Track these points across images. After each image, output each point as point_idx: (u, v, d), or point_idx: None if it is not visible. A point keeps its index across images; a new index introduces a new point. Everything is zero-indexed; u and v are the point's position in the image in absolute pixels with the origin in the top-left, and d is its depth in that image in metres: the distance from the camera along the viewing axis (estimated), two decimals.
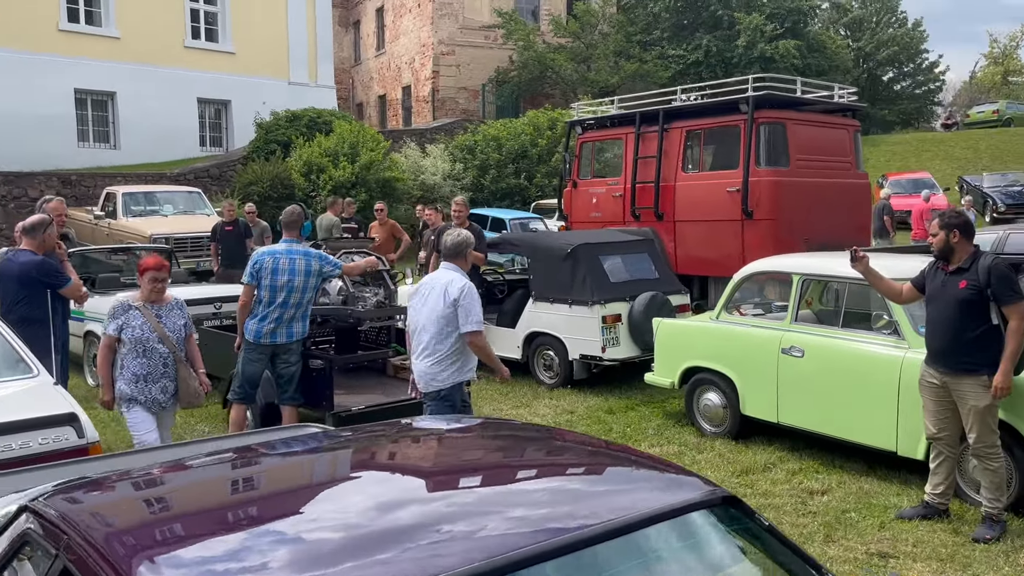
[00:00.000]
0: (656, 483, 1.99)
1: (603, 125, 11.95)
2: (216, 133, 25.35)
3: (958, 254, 4.79)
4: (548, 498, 1.91)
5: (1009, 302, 4.59)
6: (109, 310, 4.96)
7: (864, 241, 10.86)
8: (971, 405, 4.67)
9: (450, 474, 2.20)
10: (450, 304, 4.80)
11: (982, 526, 4.75)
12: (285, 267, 5.76)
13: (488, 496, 2.03)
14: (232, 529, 1.88)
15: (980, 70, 55.49)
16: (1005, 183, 21.32)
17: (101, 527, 1.76)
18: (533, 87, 31.74)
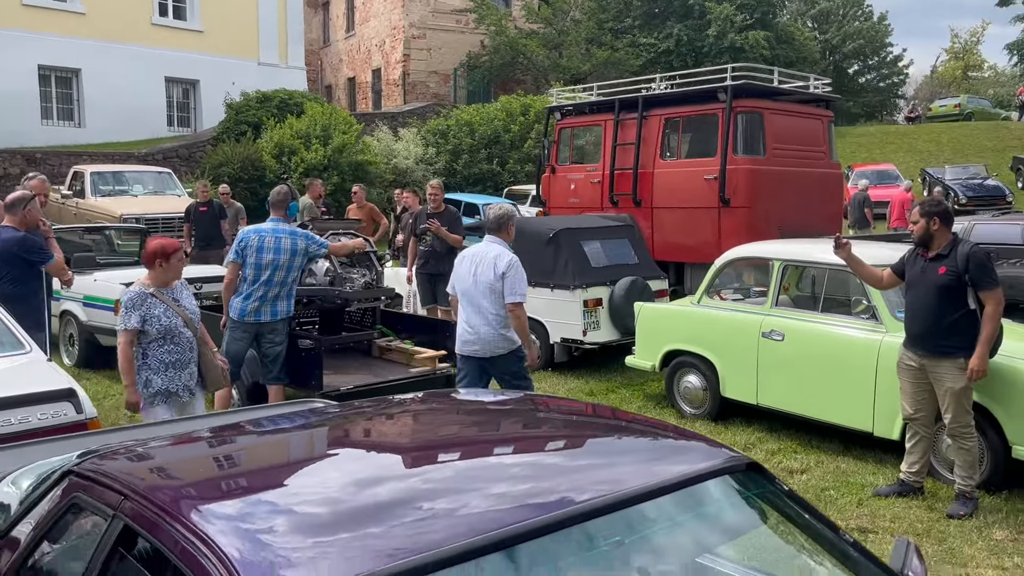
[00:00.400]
0: (685, 450, 2.09)
1: (582, 111, 12.03)
2: (184, 113, 24.97)
3: (937, 241, 4.96)
4: (586, 464, 2.00)
5: (986, 288, 4.77)
6: (125, 302, 4.57)
7: (836, 230, 11.09)
8: (947, 387, 4.85)
9: (480, 444, 2.28)
10: (499, 277, 5.17)
11: (956, 503, 4.95)
12: (270, 245, 5.78)
13: (515, 464, 2.11)
14: (270, 488, 1.95)
15: (941, 65, 56.60)
16: (966, 175, 21.86)
17: (159, 487, 1.81)
18: (505, 72, 31.71)
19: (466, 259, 5.41)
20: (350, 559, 1.51)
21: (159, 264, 4.60)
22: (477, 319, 5.26)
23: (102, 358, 8.30)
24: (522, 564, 1.65)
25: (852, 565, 1.97)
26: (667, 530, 1.92)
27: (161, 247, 4.66)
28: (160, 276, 4.63)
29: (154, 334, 4.54)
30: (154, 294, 4.59)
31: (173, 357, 4.63)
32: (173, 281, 4.72)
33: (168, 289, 4.68)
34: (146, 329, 4.54)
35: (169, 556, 1.57)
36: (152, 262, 4.62)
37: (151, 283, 4.64)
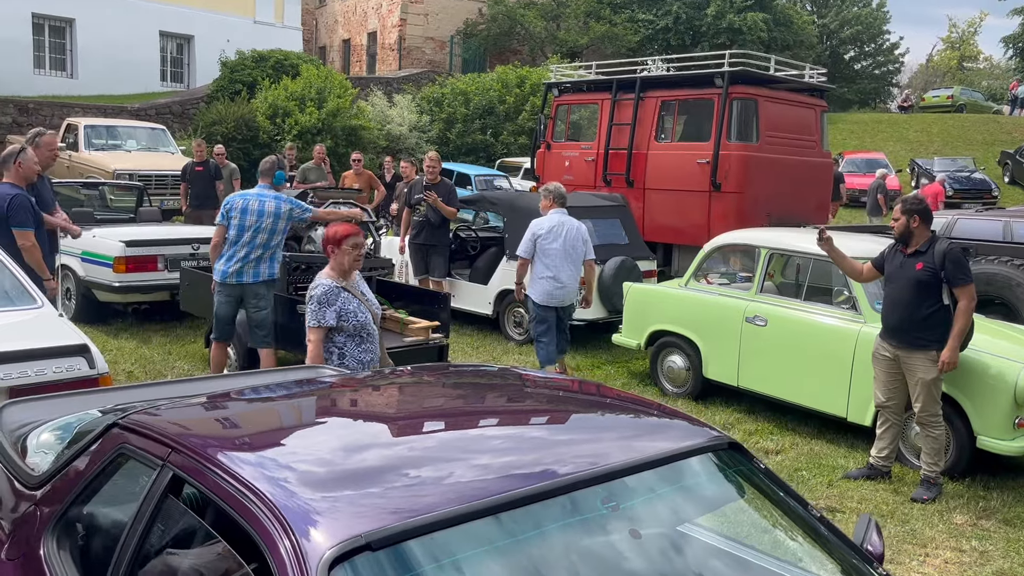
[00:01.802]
0: (670, 428, 2.29)
1: (580, 89, 12.14)
2: (177, 68, 24.80)
3: (916, 238, 5.18)
4: (580, 438, 2.21)
5: (960, 284, 5.01)
6: (319, 296, 4.17)
7: (824, 219, 11.33)
8: (919, 377, 5.10)
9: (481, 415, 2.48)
10: (584, 241, 6.80)
11: (921, 487, 5.22)
12: (254, 208, 5.96)
13: (516, 435, 2.32)
14: (302, 443, 2.17)
15: (937, 54, 56.71)
16: (955, 168, 22.12)
17: (205, 440, 2.00)
18: (501, 42, 31.60)
19: (552, 230, 6.68)
20: (380, 508, 1.71)
21: (331, 250, 4.28)
22: (566, 275, 6.70)
23: (99, 313, 8.43)
24: (515, 529, 1.85)
25: (819, 538, 2.19)
26: (652, 501, 2.12)
27: (334, 232, 4.30)
28: (337, 264, 4.29)
29: (350, 331, 4.23)
30: (345, 287, 4.27)
31: (368, 356, 4.34)
32: (353, 271, 4.38)
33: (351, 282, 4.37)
34: (341, 326, 4.20)
35: (218, 502, 1.76)
36: (328, 251, 4.29)
37: (335, 274, 4.30)
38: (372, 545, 1.58)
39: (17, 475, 2.47)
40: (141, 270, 7.97)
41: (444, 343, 6.86)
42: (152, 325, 8.57)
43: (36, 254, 5.52)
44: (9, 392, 3.85)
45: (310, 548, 1.56)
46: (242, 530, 1.69)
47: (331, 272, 4.32)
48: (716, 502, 2.28)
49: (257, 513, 1.66)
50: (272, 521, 1.63)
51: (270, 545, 1.59)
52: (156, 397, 3.08)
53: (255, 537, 1.64)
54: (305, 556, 1.54)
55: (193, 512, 1.99)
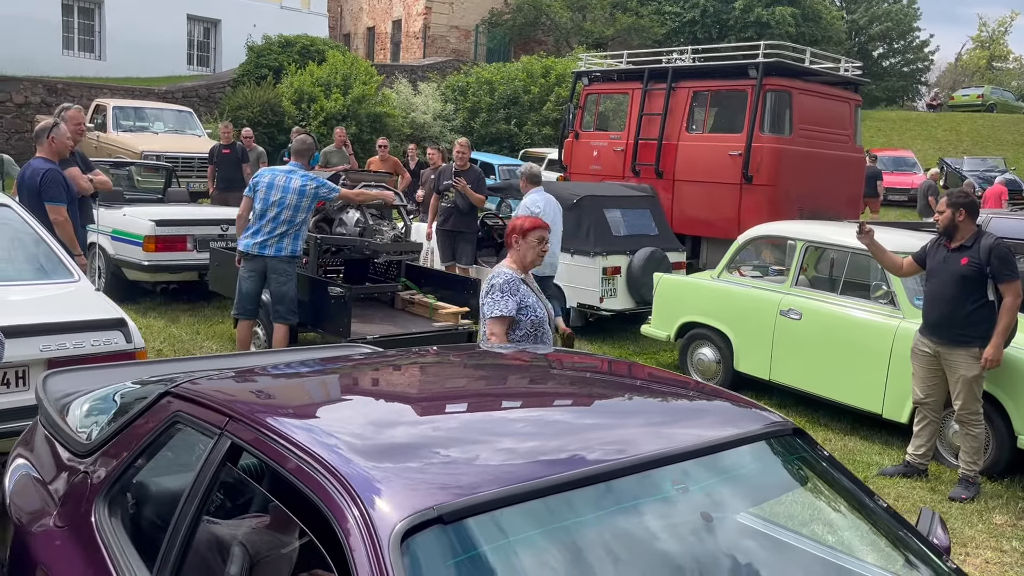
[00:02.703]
0: (736, 414, 2.23)
1: (609, 78, 12.03)
2: (204, 53, 24.87)
3: (961, 232, 5.06)
4: (654, 419, 2.16)
5: (1006, 280, 4.89)
6: (501, 285, 3.92)
7: (856, 213, 11.18)
8: (960, 374, 4.99)
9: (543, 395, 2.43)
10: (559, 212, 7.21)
11: (958, 486, 5.12)
12: (280, 184, 6.01)
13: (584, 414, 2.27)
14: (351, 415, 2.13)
15: (966, 53, 55.95)
16: (984, 167, 21.82)
17: (262, 410, 1.96)
18: (526, 32, 31.43)
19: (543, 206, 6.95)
20: (445, 483, 1.67)
21: (515, 241, 4.05)
22: (555, 244, 6.91)
23: (128, 292, 8.45)
24: (579, 509, 1.80)
25: (887, 530, 2.13)
26: (718, 486, 2.07)
27: (521, 223, 4.08)
28: (519, 256, 4.06)
29: (527, 327, 3.98)
30: (525, 280, 4.05)
31: None
32: (532, 265, 4.13)
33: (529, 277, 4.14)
34: (519, 320, 3.94)
35: (280, 471, 1.72)
36: (511, 241, 4.08)
37: (516, 266, 4.07)
38: (444, 518, 1.53)
39: (66, 443, 2.45)
40: (170, 249, 7.98)
41: (473, 329, 6.81)
42: (180, 304, 8.58)
43: (68, 229, 5.52)
44: (48, 363, 3.85)
45: (379, 519, 1.51)
46: (306, 499, 1.64)
47: (511, 263, 4.08)
48: (780, 489, 2.22)
49: (322, 482, 1.61)
50: (339, 490, 1.58)
51: (338, 515, 1.55)
52: (194, 371, 3.06)
53: (321, 506, 1.59)
54: (375, 527, 1.50)
55: (254, 481, 1.95)
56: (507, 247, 4.14)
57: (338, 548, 1.53)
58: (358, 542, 1.49)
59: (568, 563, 1.78)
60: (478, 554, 1.62)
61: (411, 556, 1.48)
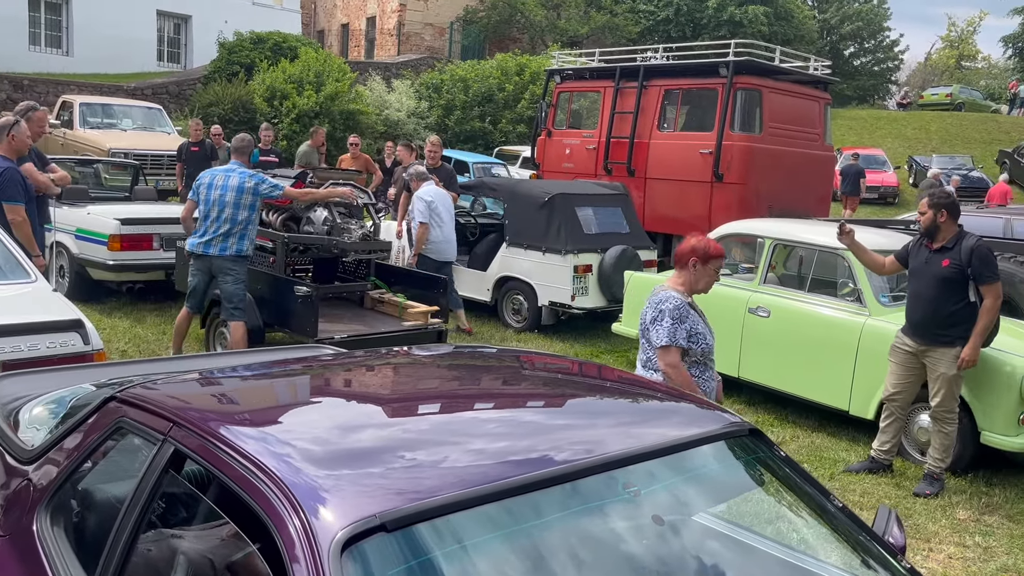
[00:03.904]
0: (692, 414, 2.22)
1: (582, 76, 12.03)
2: (174, 49, 24.58)
3: (943, 233, 5.07)
4: (603, 422, 2.14)
5: (987, 282, 4.92)
6: (671, 311, 3.59)
7: (825, 212, 11.27)
8: (941, 373, 5.01)
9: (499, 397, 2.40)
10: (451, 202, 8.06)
11: (923, 482, 5.17)
12: (219, 183, 6.04)
13: (536, 417, 2.24)
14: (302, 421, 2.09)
15: (936, 52, 56.68)
16: (953, 166, 22.08)
17: (208, 415, 1.91)
18: (501, 30, 31.40)
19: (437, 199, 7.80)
20: (390, 489, 1.63)
21: (693, 264, 3.72)
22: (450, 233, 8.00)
23: (92, 292, 8.32)
24: (528, 514, 1.78)
25: (842, 529, 2.13)
26: (672, 488, 2.06)
27: (705, 247, 3.73)
28: (691, 280, 3.74)
29: (697, 355, 3.69)
30: (692, 304, 3.74)
31: (710, 386, 3.79)
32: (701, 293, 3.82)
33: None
34: (689, 348, 3.64)
35: (222, 478, 1.67)
36: (686, 261, 3.74)
37: (684, 289, 3.75)
38: (387, 526, 1.50)
39: (9, 449, 2.38)
40: (136, 248, 7.86)
41: (443, 328, 6.79)
42: (146, 304, 8.46)
43: (26, 229, 5.42)
44: (1, 366, 3.77)
45: (321, 527, 1.48)
46: (247, 508, 1.61)
47: (679, 285, 3.76)
48: (735, 490, 2.22)
49: (264, 490, 1.58)
50: (280, 499, 1.54)
51: (278, 524, 1.51)
52: (151, 373, 3.00)
53: (262, 515, 1.55)
54: (316, 536, 1.46)
55: (196, 488, 1.91)
56: (678, 266, 3.81)
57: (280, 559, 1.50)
58: (298, 552, 1.45)
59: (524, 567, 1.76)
60: (426, 560, 1.59)
61: (352, 565, 1.44)
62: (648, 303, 3.76)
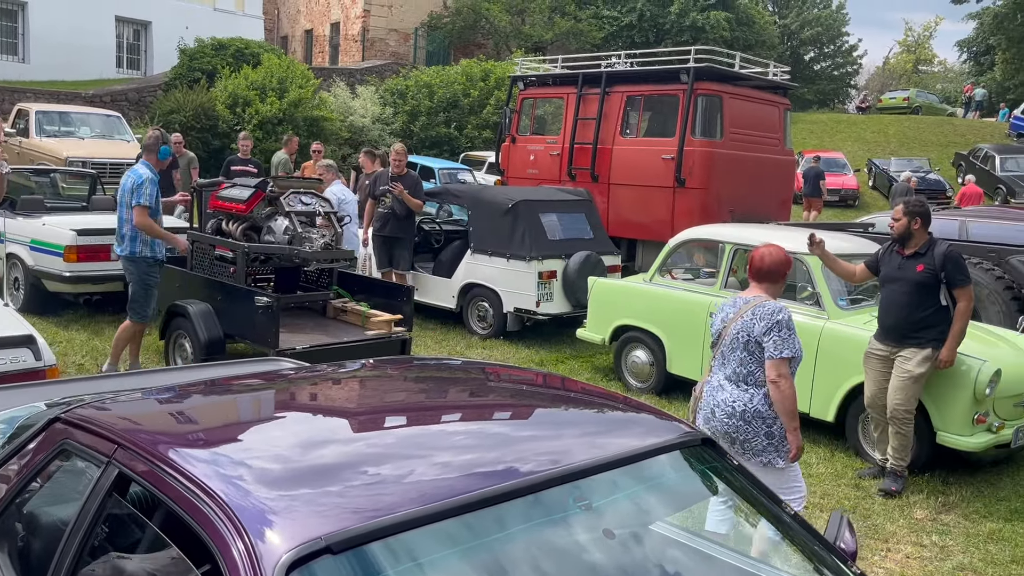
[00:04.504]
0: (643, 424, 2.23)
1: (545, 83, 12.08)
2: (134, 55, 24.22)
3: (915, 240, 5.18)
4: (554, 434, 2.14)
5: (960, 286, 5.05)
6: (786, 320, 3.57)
7: (786, 216, 11.41)
8: (908, 370, 5.09)
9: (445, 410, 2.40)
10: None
11: (888, 479, 5.24)
12: (121, 183, 6.26)
13: (489, 430, 2.24)
14: (254, 441, 2.05)
15: (893, 57, 57.78)
16: (911, 168, 22.47)
17: (153, 437, 1.88)
18: (466, 36, 31.38)
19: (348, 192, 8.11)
20: (342, 508, 1.62)
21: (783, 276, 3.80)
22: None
23: (48, 304, 8.16)
24: (482, 529, 1.77)
25: (792, 536, 2.15)
26: (624, 499, 2.06)
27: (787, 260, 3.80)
28: (776, 292, 3.80)
29: (794, 366, 3.69)
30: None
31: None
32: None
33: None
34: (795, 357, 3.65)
35: (167, 502, 1.65)
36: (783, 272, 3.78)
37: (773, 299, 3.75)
38: (332, 548, 1.49)
39: None
40: (92, 259, 7.72)
41: (407, 337, 6.75)
42: (104, 316, 8.31)
43: None
44: None
45: (265, 551, 1.46)
46: (193, 533, 1.58)
47: (773, 297, 3.76)
48: (689, 499, 2.23)
49: (208, 513, 1.55)
50: (224, 522, 1.52)
51: (222, 548, 1.49)
52: (105, 390, 2.95)
53: (206, 539, 1.53)
54: (260, 559, 1.44)
55: (140, 512, 1.87)
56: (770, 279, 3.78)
57: None
58: None
59: None
60: None
61: None
62: (753, 315, 3.63)
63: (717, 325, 3.84)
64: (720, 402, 3.69)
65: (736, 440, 3.66)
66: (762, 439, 3.60)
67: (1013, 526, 4.87)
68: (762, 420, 3.60)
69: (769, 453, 3.61)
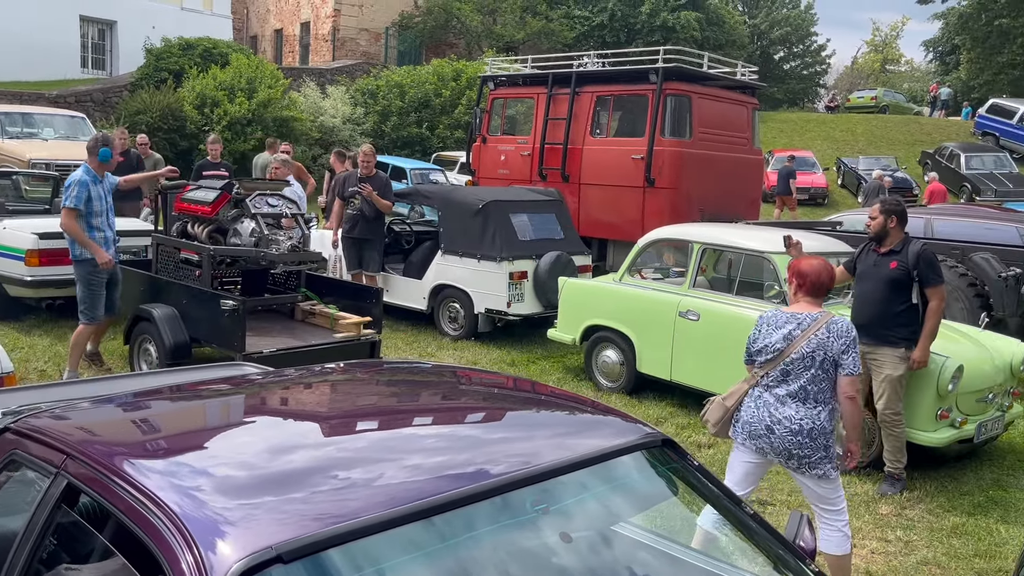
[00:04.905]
0: (604, 426, 2.23)
1: (515, 83, 12.08)
2: (99, 55, 23.88)
3: (891, 238, 5.24)
4: (516, 436, 2.13)
5: (933, 284, 5.11)
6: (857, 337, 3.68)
7: (755, 215, 11.51)
8: (886, 374, 5.14)
9: (409, 414, 2.38)
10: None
11: (885, 483, 5.28)
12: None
13: (449, 435, 2.22)
14: (210, 450, 2.02)
15: (861, 56, 58.51)
16: (879, 167, 22.77)
17: (104, 447, 1.84)
18: (437, 35, 31.31)
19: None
20: (298, 515, 1.60)
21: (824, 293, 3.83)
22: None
23: (10, 309, 8.01)
24: (442, 533, 1.76)
25: (751, 535, 2.16)
26: (585, 501, 2.06)
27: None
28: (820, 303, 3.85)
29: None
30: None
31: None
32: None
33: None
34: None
35: (116, 513, 1.62)
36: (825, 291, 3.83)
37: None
38: (283, 557, 1.47)
39: None
40: (55, 264, 7.58)
41: (376, 339, 6.72)
42: (68, 321, 8.14)
43: None
44: None
45: (216, 562, 1.44)
46: (143, 545, 1.55)
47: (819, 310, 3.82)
48: (650, 500, 2.24)
49: (157, 525, 1.53)
50: (174, 533, 1.50)
51: (170, 560, 1.46)
52: (63, 398, 2.89)
53: (156, 552, 1.50)
54: (209, 571, 1.42)
55: (90, 525, 1.84)
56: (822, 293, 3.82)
57: None
58: None
59: None
60: None
61: None
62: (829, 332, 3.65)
63: (776, 341, 3.74)
64: (784, 418, 3.67)
65: (794, 456, 3.67)
66: (820, 452, 3.66)
67: (976, 520, 4.94)
68: (824, 436, 3.66)
69: (824, 465, 3.68)
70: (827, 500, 3.75)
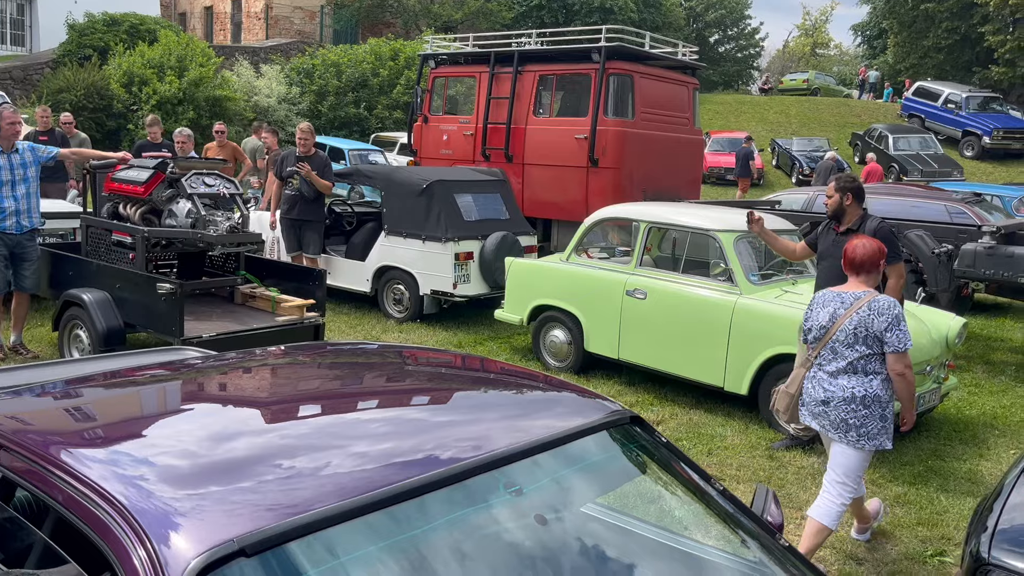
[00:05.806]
0: (569, 404, 2.17)
1: (457, 62, 11.90)
2: (18, 31, 22.79)
3: (849, 216, 5.25)
4: (479, 418, 2.06)
5: (891, 262, 5.14)
6: (902, 313, 3.76)
7: (696, 194, 11.61)
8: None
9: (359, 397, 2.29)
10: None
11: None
12: None
13: (411, 416, 2.14)
14: (152, 438, 1.89)
15: (793, 40, 59.64)
16: (811, 147, 23.30)
17: (40, 436, 1.71)
18: (374, 14, 30.80)
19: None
20: (256, 506, 1.50)
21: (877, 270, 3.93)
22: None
23: None
24: (409, 522, 1.68)
25: (720, 511, 2.14)
26: (557, 483, 2.00)
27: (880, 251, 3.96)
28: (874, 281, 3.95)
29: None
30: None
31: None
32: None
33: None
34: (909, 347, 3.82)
35: (57, 508, 1.49)
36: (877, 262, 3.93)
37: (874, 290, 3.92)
38: (247, 550, 1.37)
39: None
40: None
41: (320, 322, 6.56)
42: None
43: None
44: None
45: (171, 557, 1.33)
46: (88, 540, 1.43)
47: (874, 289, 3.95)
48: (620, 478, 2.19)
49: (104, 519, 1.41)
50: (123, 527, 1.38)
51: (120, 556, 1.35)
52: None
53: (104, 548, 1.39)
54: (165, 566, 1.31)
55: (26, 519, 1.70)
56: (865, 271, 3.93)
57: None
58: None
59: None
60: None
61: None
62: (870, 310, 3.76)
63: (823, 320, 3.89)
64: (837, 388, 3.80)
65: (852, 427, 3.77)
66: (877, 422, 3.77)
67: (917, 490, 5.07)
68: (879, 404, 3.78)
69: (882, 436, 3.80)
70: (849, 475, 3.84)
